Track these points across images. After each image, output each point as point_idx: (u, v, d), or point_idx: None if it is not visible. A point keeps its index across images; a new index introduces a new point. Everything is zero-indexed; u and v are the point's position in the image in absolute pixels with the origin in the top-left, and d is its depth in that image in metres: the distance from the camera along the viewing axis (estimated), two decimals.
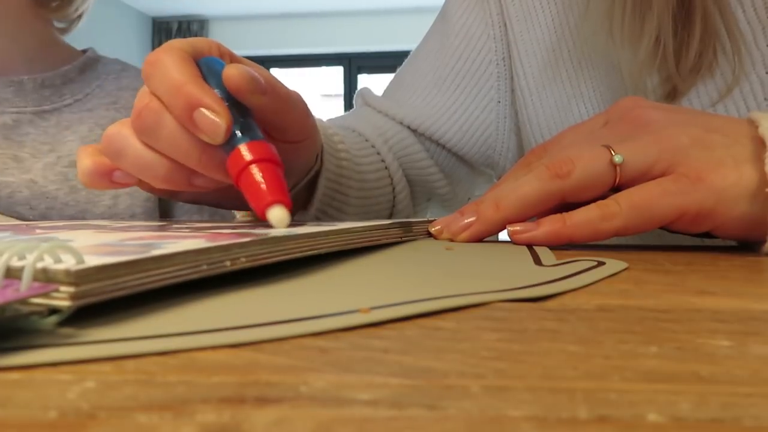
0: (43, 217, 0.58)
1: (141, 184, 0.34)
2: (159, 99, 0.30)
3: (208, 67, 0.31)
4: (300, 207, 0.44)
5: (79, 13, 0.68)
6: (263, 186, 0.27)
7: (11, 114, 0.58)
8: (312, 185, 0.43)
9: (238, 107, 0.30)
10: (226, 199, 0.39)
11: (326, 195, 0.44)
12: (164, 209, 0.66)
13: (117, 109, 0.65)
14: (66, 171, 0.61)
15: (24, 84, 0.59)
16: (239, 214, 0.46)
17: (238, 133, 0.28)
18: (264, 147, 0.28)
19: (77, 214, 0.60)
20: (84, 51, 0.68)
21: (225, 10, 5.12)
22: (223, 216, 0.66)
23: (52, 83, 0.61)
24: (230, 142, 0.28)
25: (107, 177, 0.33)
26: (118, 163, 0.32)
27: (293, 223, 0.29)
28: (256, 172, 0.27)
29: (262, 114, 0.32)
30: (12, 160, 0.57)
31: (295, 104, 0.34)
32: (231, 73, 0.29)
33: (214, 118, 0.28)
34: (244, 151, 0.28)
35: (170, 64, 0.29)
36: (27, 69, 0.61)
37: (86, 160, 0.33)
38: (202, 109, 0.28)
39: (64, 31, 0.69)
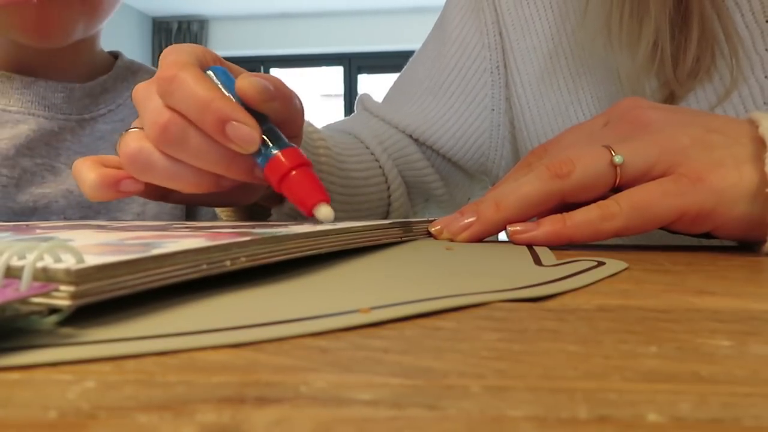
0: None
1: (145, 192, 0.35)
2: (180, 113, 0.31)
3: (217, 78, 0.32)
4: (276, 202, 0.44)
5: None
6: (306, 189, 0.30)
7: (59, 120, 0.57)
8: None
9: (254, 113, 0.31)
10: (215, 198, 0.39)
11: None
12: (191, 218, 0.66)
13: None
14: None
15: (74, 91, 0.58)
16: (220, 211, 0.48)
17: (268, 141, 0.31)
18: (295, 152, 0.31)
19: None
20: (113, 54, 0.66)
21: (225, 10, 5.12)
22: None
23: (93, 92, 0.60)
24: (259, 150, 0.31)
25: (114, 187, 0.34)
26: (146, 176, 0.33)
27: (294, 223, 0.30)
28: (298, 178, 0.30)
29: (273, 116, 0.33)
30: (49, 172, 0.56)
31: (296, 104, 0.35)
32: (244, 85, 0.31)
33: (247, 130, 0.30)
34: (283, 159, 0.31)
35: (191, 81, 0.30)
36: (77, 76, 0.60)
37: (91, 174, 0.34)
38: (234, 123, 0.30)
39: None
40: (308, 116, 0.50)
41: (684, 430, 0.09)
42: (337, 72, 5.45)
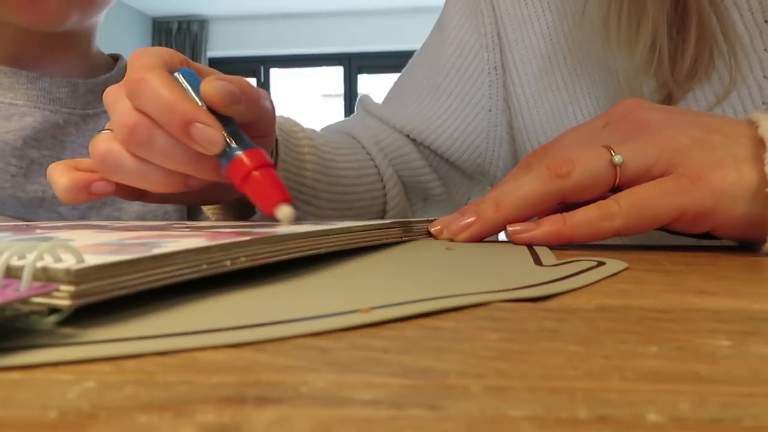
0: (83, 217, 0.59)
1: (117, 192, 0.36)
2: (147, 115, 0.31)
3: (184, 80, 0.33)
4: None
5: None
6: (267, 189, 0.31)
7: (64, 114, 0.59)
8: None
9: (219, 115, 0.32)
10: (191, 197, 0.40)
11: (287, 186, 0.45)
12: (190, 208, 0.67)
13: None
14: None
15: (78, 87, 0.60)
16: (206, 209, 0.49)
17: (232, 143, 0.31)
18: (258, 154, 0.31)
19: (114, 212, 0.60)
20: (113, 57, 0.68)
21: (225, 10, 5.12)
22: None
23: (96, 89, 0.62)
24: (224, 151, 0.31)
25: (85, 190, 0.35)
26: (115, 177, 0.34)
27: (294, 223, 0.30)
28: (259, 178, 0.31)
29: (239, 117, 0.33)
30: None
31: (264, 105, 0.36)
32: (207, 89, 0.31)
33: (210, 132, 0.30)
34: (245, 160, 0.31)
35: (157, 83, 0.31)
36: (78, 73, 0.61)
37: (63, 178, 0.35)
38: (198, 125, 0.30)
39: None
40: (308, 116, 0.50)
41: (684, 430, 0.09)
42: (337, 72, 5.45)
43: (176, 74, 0.33)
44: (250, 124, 0.35)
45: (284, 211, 0.30)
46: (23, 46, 0.57)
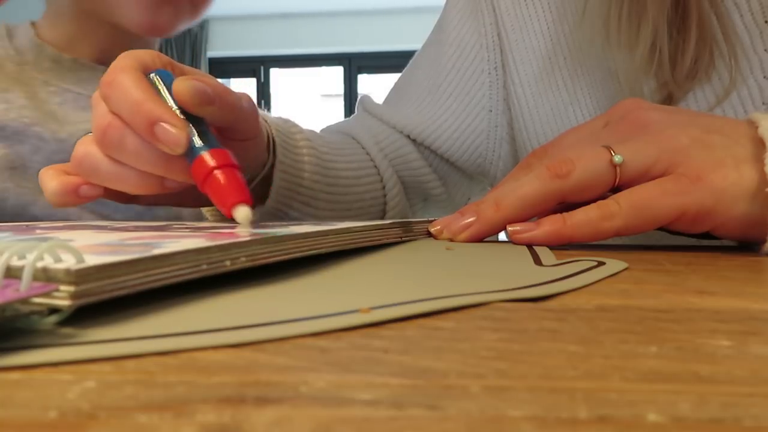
0: (126, 218, 0.59)
1: (106, 194, 0.36)
2: (119, 117, 0.31)
3: (159, 81, 0.33)
4: (260, 201, 0.45)
5: None
6: (227, 189, 0.30)
7: None
8: (270, 180, 0.44)
9: (191, 116, 0.32)
10: (187, 198, 0.40)
11: (285, 188, 0.45)
12: None
13: None
14: None
15: None
16: (204, 210, 0.49)
17: (198, 142, 0.31)
18: (223, 154, 0.31)
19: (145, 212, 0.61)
20: None
21: (225, 10, 5.11)
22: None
23: None
24: (191, 151, 0.31)
25: (74, 193, 0.35)
26: (94, 179, 0.34)
27: (294, 223, 0.30)
28: (220, 177, 0.30)
29: (213, 119, 0.33)
30: None
31: (242, 107, 0.36)
32: (178, 88, 0.31)
33: (174, 131, 0.30)
34: (207, 159, 0.30)
35: (127, 83, 0.31)
36: None
37: (52, 183, 0.35)
38: (162, 124, 0.30)
39: None
40: (308, 116, 0.50)
41: (684, 430, 0.09)
42: (337, 72, 5.45)
43: (152, 75, 0.33)
44: (230, 128, 0.35)
45: (242, 212, 0.29)
46: (111, 45, 0.59)
